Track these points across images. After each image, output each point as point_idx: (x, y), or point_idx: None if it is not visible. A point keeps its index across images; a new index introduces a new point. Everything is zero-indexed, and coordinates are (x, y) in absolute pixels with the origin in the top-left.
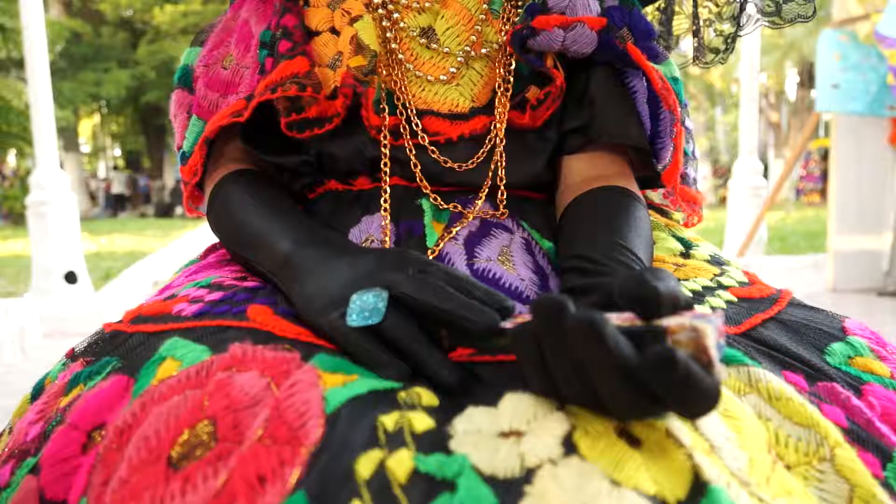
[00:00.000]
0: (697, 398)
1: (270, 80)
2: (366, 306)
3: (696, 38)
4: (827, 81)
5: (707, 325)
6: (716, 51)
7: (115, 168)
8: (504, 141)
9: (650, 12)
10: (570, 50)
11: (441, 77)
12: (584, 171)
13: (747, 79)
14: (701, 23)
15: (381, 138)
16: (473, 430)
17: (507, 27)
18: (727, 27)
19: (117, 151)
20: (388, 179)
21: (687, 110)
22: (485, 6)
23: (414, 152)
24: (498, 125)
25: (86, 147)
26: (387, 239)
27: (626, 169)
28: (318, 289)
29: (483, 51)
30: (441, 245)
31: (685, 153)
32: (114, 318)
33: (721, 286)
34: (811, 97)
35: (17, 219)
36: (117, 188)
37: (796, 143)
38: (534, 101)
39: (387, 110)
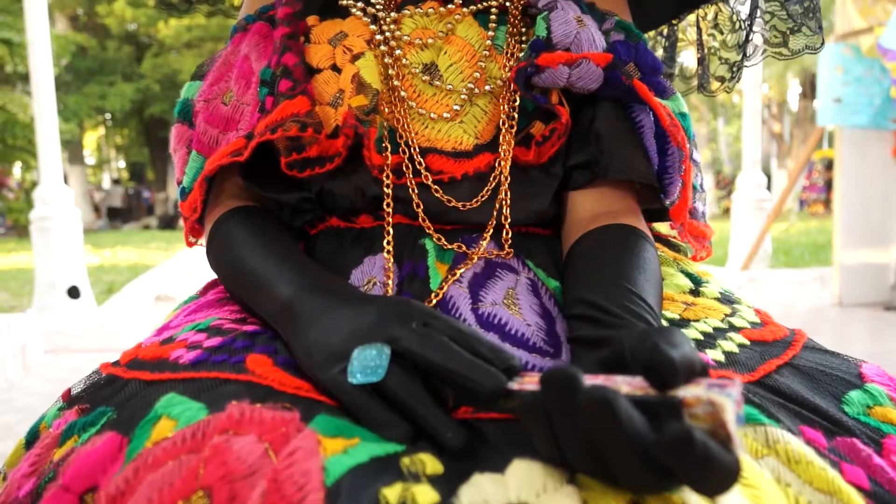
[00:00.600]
0: (716, 477)
1: (271, 119)
2: (368, 363)
3: (700, 66)
4: (829, 95)
5: (725, 398)
6: (721, 79)
7: (117, 181)
8: (509, 179)
9: (652, 37)
10: (575, 86)
11: (444, 115)
12: (590, 207)
13: (750, 91)
14: (706, 51)
15: (384, 177)
16: (480, 501)
17: (511, 63)
18: (733, 56)
19: (121, 163)
20: (390, 220)
21: (694, 143)
22: (488, 42)
23: (417, 191)
24: (502, 163)
25: (90, 159)
26: (389, 282)
27: (633, 204)
28: (319, 340)
29: (487, 87)
30: (445, 288)
31: (694, 187)
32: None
33: (733, 327)
34: (814, 107)
35: (21, 231)
36: (115, 202)
37: (799, 154)
38: (539, 137)
39: (389, 149)
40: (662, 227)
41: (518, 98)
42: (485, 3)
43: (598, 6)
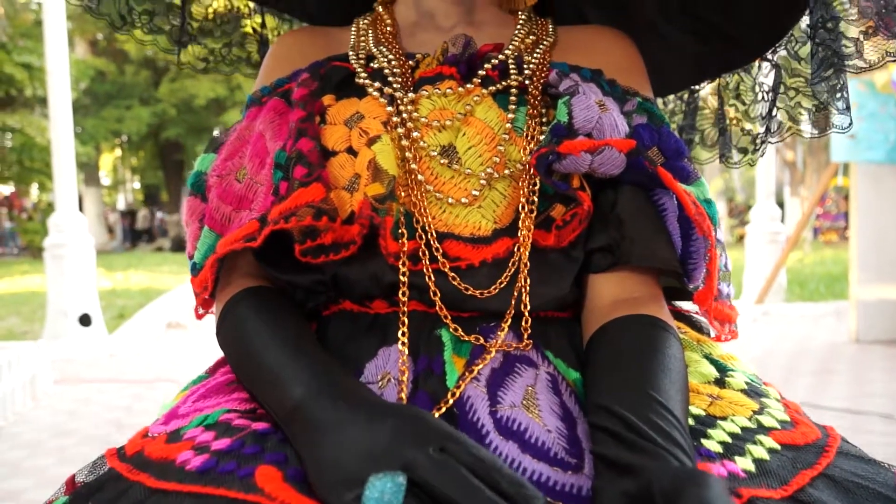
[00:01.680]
0: None
1: (285, 207)
2: (383, 495)
3: (722, 137)
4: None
5: None
6: (743, 150)
7: (145, 203)
8: (528, 265)
9: (672, 100)
10: (597, 172)
11: (462, 200)
12: (611, 293)
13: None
14: (727, 121)
15: (400, 264)
16: None
17: (531, 146)
18: (755, 127)
19: (136, 184)
20: (406, 309)
21: (719, 226)
22: (508, 125)
23: (433, 279)
24: (521, 248)
25: (106, 180)
26: (404, 378)
27: (655, 290)
28: (332, 458)
29: (506, 171)
30: (462, 387)
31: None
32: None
33: (762, 427)
34: (827, 136)
35: (35, 252)
36: (140, 224)
37: (812, 182)
38: (559, 221)
39: (405, 234)
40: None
41: (538, 181)
42: (504, 83)
43: (618, 82)
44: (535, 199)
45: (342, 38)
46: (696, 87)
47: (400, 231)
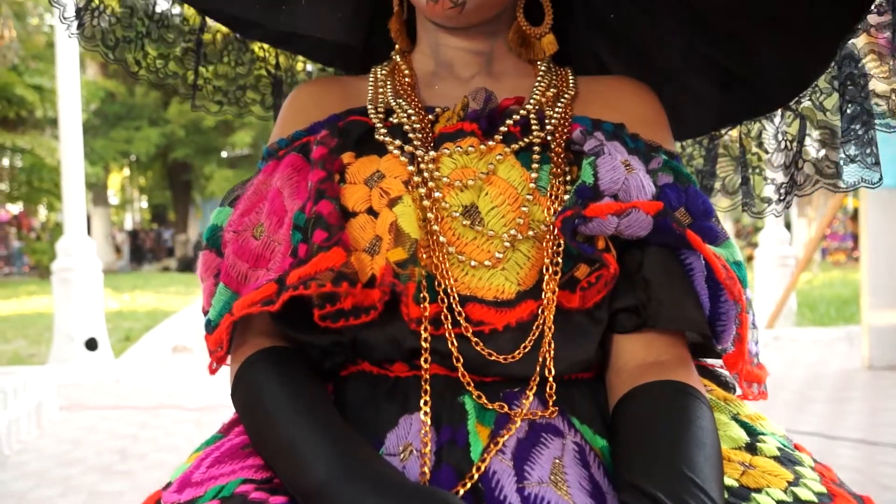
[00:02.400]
0: None
1: (304, 272)
2: None
3: (745, 186)
4: None
5: None
6: (767, 200)
7: (153, 222)
8: (552, 329)
9: (690, 144)
10: (624, 234)
11: (485, 262)
12: (638, 356)
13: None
14: (750, 170)
15: (421, 329)
16: None
17: (555, 206)
18: (779, 176)
19: (144, 203)
20: (427, 376)
21: (748, 291)
22: (531, 184)
23: (456, 344)
24: (546, 312)
25: (114, 199)
26: (427, 451)
27: (683, 352)
28: None
29: (530, 232)
30: (487, 460)
31: None
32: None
33: (798, 501)
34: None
35: (43, 272)
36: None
37: (819, 203)
38: (584, 283)
39: (427, 298)
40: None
41: (562, 242)
42: (527, 140)
43: (641, 136)
44: (560, 261)
45: (360, 88)
46: (717, 132)
47: (422, 295)
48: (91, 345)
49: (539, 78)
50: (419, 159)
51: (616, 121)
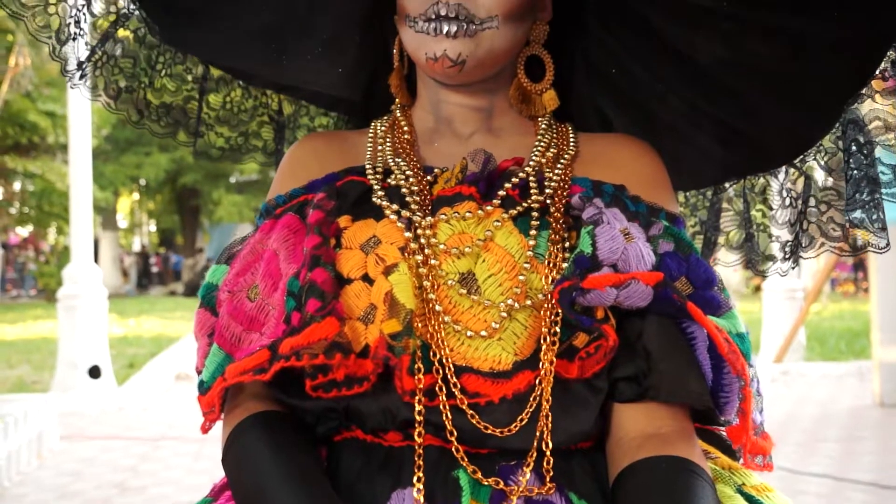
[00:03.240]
0: None
1: (297, 342)
2: None
3: (748, 243)
4: None
5: None
6: (772, 258)
7: (161, 245)
8: (550, 401)
9: (693, 195)
10: (623, 305)
11: (482, 332)
12: (639, 427)
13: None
14: (754, 227)
15: (416, 402)
16: None
17: (553, 273)
18: (784, 234)
19: (152, 227)
20: (421, 451)
21: (754, 367)
22: (529, 252)
23: (451, 417)
24: (543, 383)
25: (123, 223)
26: None
27: (686, 424)
28: None
29: (528, 301)
30: None
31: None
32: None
33: None
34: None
35: (50, 295)
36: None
37: None
38: (583, 352)
39: (422, 369)
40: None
41: (560, 311)
42: (525, 204)
43: (643, 198)
44: (558, 330)
45: (359, 144)
46: (721, 185)
47: (416, 366)
48: (94, 373)
49: (539, 136)
50: (416, 225)
51: (617, 181)
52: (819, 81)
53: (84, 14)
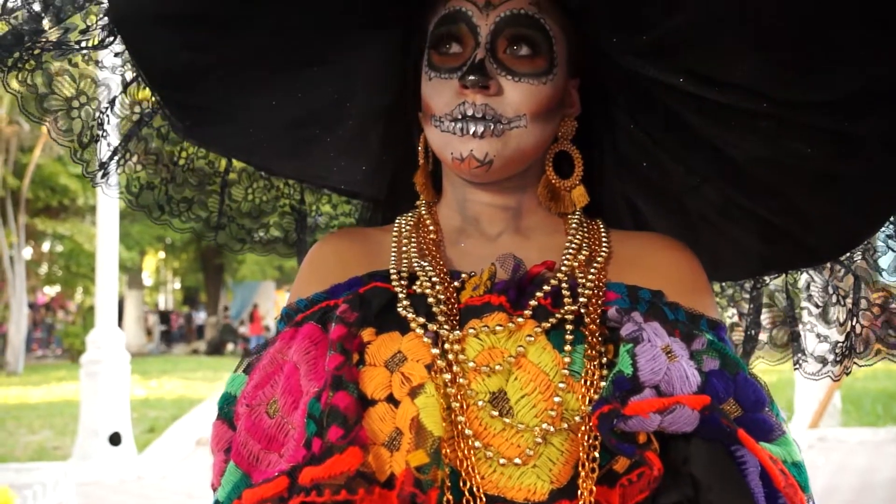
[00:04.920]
0: None
1: (318, 475)
2: None
3: (794, 343)
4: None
5: None
6: (822, 360)
7: (189, 304)
8: None
9: (731, 286)
10: (667, 430)
11: (515, 460)
12: None
13: None
14: (800, 325)
15: None
16: None
17: (590, 393)
18: (833, 333)
19: (177, 285)
20: None
21: (812, 500)
22: (564, 371)
23: None
24: None
25: (148, 280)
26: None
27: None
28: None
29: (564, 425)
30: None
31: None
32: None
33: None
34: None
35: (74, 355)
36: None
37: None
38: (625, 479)
39: (451, 501)
40: None
41: (599, 434)
42: (558, 316)
43: (682, 304)
44: (597, 455)
45: (383, 242)
46: (761, 279)
47: (446, 498)
48: (115, 440)
49: (570, 236)
50: (443, 339)
51: (653, 285)
52: (868, 181)
53: (107, 115)
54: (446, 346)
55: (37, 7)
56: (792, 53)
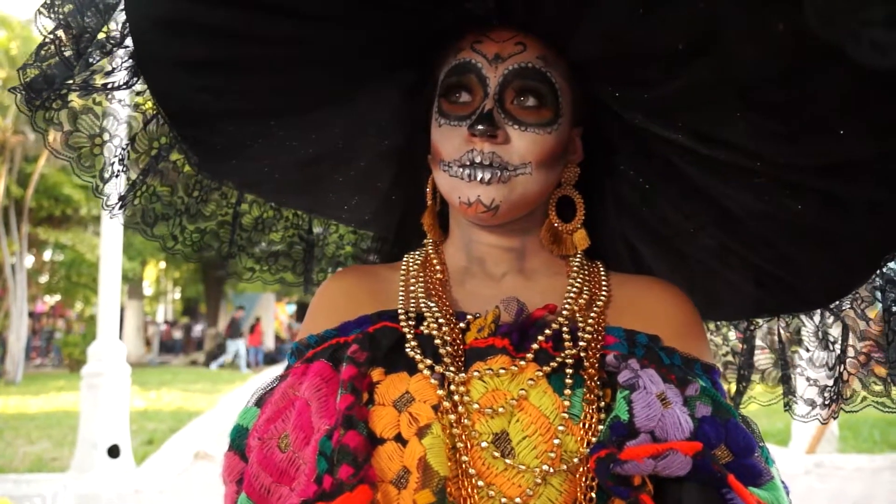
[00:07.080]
0: None
1: None
2: None
3: (785, 385)
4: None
5: None
6: (811, 403)
7: (189, 315)
8: None
9: (725, 325)
10: (661, 474)
11: (516, 500)
12: None
13: None
14: (790, 369)
15: None
16: None
17: (588, 436)
18: (822, 377)
19: (177, 295)
20: None
21: None
22: (564, 414)
23: None
24: None
25: (148, 290)
26: None
27: None
28: None
29: (563, 466)
30: None
31: None
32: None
33: None
34: None
35: (73, 365)
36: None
37: None
38: None
39: None
40: None
41: (596, 476)
42: (559, 359)
43: (677, 349)
44: (594, 496)
45: (391, 279)
46: (751, 322)
47: None
48: (113, 452)
49: (571, 279)
50: (449, 380)
51: (650, 329)
52: (855, 238)
53: (127, 151)
54: (452, 387)
55: (67, 53)
56: (780, 122)
